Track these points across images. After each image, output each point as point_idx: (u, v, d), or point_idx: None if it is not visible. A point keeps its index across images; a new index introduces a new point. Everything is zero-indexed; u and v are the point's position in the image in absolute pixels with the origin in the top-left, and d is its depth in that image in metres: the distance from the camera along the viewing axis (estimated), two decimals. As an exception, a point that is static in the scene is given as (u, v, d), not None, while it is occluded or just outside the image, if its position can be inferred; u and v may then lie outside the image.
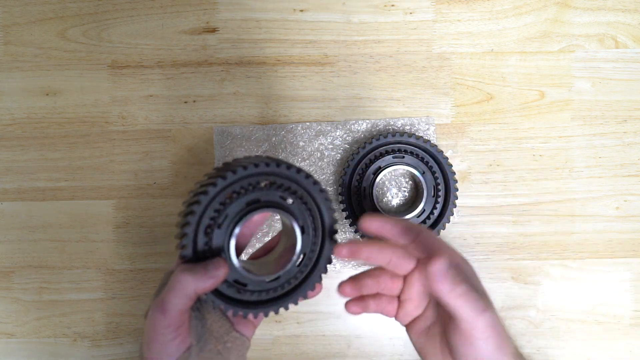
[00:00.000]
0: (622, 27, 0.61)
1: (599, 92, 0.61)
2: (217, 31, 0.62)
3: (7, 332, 0.62)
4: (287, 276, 0.38)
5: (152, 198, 0.62)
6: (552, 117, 0.61)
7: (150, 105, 0.62)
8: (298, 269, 0.38)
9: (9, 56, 0.62)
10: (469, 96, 0.61)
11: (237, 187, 0.36)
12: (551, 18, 0.62)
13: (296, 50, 0.62)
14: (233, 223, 0.35)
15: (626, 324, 0.61)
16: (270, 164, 0.36)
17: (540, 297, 0.61)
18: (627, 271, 0.61)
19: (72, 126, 0.62)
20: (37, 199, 0.62)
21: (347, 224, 0.60)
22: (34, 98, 0.62)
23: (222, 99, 0.62)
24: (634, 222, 0.61)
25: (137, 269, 0.62)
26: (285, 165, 0.37)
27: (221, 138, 0.61)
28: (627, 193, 0.61)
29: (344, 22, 0.62)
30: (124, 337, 0.62)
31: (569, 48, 0.62)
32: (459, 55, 0.61)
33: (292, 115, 0.62)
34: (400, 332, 0.61)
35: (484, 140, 0.61)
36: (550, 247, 0.61)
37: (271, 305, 0.38)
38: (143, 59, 0.62)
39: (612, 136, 0.61)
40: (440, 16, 0.62)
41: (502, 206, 0.61)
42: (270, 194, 0.36)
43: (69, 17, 0.62)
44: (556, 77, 0.61)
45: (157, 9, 0.62)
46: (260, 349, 0.61)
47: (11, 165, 0.62)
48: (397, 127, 0.61)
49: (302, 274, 0.39)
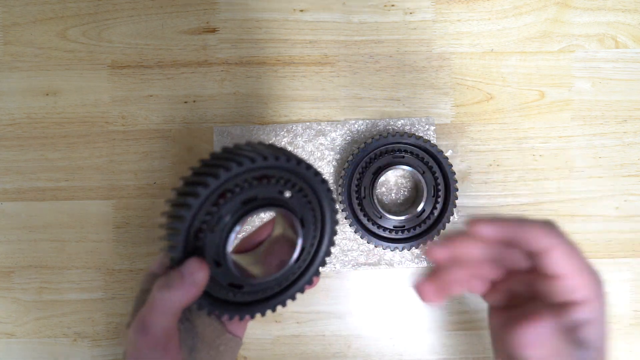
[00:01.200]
0: (622, 27, 0.61)
1: (599, 92, 0.61)
2: (217, 31, 0.62)
3: (7, 332, 0.62)
4: (285, 273, 0.36)
5: (152, 198, 0.62)
6: (552, 117, 0.61)
7: (150, 105, 0.62)
8: (297, 264, 0.36)
9: (9, 56, 0.62)
10: (469, 96, 0.61)
11: (231, 184, 0.32)
12: (551, 18, 0.62)
13: (296, 50, 0.62)
14: (227, 228, 0.32)
15: (626, 324, 0.61)
16: (270, 158, 0.32)
17: (540, 297, 0.61)
18: (627, 271, 0.61)
19: (72, 126, 0.62)
20: (37, 199, 0.62)
21: (347, 224, 0.60)
22: (34, 98, 0.62)
23: (222, 99, 0.62)
24: (634, 222, 0.61)
25: (137, 269, 0.62)
26: (295, 161, 0.33)
27: (221, 138, 0.61)
28: (627, 193, 0.61)
29: (344, 22, 0.62)
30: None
31: (569, 48, 0.62)
32: (459, 55, 0.61)
33: (292, 115, 0.62)
34: (401, 332, 0.61)
35: (484, 140, 0.61)
36: (550, 247, 0.61)
37: (268, 303, 0.36)
38: (143, 59, 0.62)
39: (612, 136, 0.61)
40: (440, 16, 0.62)
41: (502, 206, 0.61)
42: (268, 189, 0.33)
43: (69, 17, 0.62)
44: (556, 77, 0.61)
45: (157, 9, 0.62)
46: (259, 349, 0.61)
47: (11, 165, 0.62)
48: (397, 127, 0.61)
49: (299, 268, 0.37)
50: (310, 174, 0.34)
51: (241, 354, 0.61)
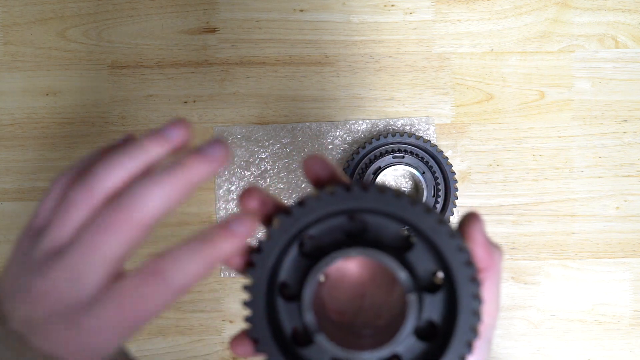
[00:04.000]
0: (622, 27, 0.61)
1: (599, 92, 0.61)
2: (217, 31, 0.62)
3: (7, 332, 0.62)
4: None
5: (152, 198, 0.62)
6: (552, 117, 0.61)
7: (150, 105, 0.62)
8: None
9: (9, 56, 0.62)
10: (469, 96, 0.61)
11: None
12: (551, 18, 0.62)
13: (296, 50, 0.62)
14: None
15: (626, 324, 0.61)
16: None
17: (540, 297, 0.61)
18: (627, 271, 0.61)
19: (72, 126, 0.62)
20: (37, 199, 0.62)
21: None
22: (34, 98, 0.62)
23: (222, 99, 0.62)
24: (634, 222, 0.61)
25: (137, 269, 0.62)
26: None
27: (221, 138, 0.61)
28: (627, 193, 0.61)
29: (344, 22, 0.62)
30: (124, 337, 0.62)
31: (569, 48, 0.62)
32: (459, 55, 0.61)
33: (292, 115, 0.62)
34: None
35: (484, 140, 0.61)
36: (550, 247, 0.61)
37: None
38: (143, 59, 0.62)
39: (612, 136, 0.61)
40: (440, 16, 0.62)
41: (502, 206, 0.61)
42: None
43: (69, 17, 0.62)
44: (556, 77, 0.61)
45: (157, 9, 0.62)
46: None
47: (11, 165, 0.62)
48: (397, 127, 0.61)
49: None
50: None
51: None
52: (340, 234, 0.27)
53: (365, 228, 0.26)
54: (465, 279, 0.25)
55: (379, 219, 0.26)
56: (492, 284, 0.28)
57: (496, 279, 0.28)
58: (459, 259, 0.25)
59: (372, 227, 0.26)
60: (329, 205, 0.25)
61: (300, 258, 0.27)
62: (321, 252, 0.26)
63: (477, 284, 0.25)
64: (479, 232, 0.27)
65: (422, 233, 0.25)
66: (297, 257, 0.27)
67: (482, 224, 0.28)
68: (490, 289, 0.28)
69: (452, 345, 0.25)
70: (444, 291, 0.26)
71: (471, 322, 0.25)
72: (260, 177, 0.61)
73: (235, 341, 0.27)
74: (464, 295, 0.25)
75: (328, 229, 0.26)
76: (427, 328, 0.27)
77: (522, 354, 0.61)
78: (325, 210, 0.25)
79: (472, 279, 0.25)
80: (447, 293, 0.26)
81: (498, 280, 0.28)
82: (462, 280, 0.25)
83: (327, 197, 0.25)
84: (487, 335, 0.28)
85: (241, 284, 0.26)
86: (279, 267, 0.26)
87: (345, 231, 0.27)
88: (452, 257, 0.25)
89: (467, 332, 0.25)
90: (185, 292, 0.24)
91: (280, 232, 0.25)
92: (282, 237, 0.25)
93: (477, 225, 0.27)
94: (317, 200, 0.25)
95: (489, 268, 0.28)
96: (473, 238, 0.27)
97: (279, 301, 0.26)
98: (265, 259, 0.25)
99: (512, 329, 0.61)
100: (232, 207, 0.61)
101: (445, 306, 0.26)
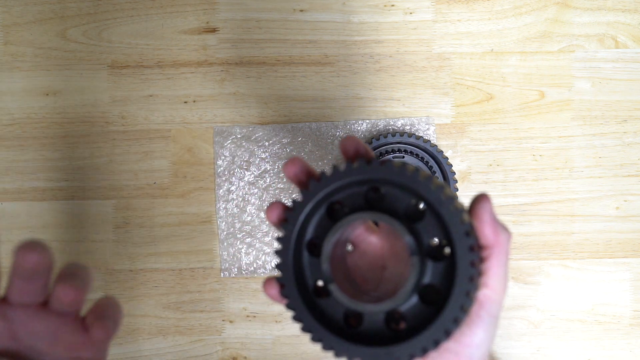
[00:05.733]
0: (622, 27, 0.61)
1: (599, 92, 0.61)
2: (217, 31, 0.62)
3: (7, 332, 0.62)
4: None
5: (152, 198, 0.62)
6: (552, 117, 0.61)
7: (150, 105, 0.62)
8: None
9: (9, 56, 0.62)
10: (469, 96, 0.61)
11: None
12: (551, 18, 0.62)
13: (296, 50, 0.62)
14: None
15: (626, 324, 0.61)
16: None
17: (540, 297, 0.61)
18: (627, 271, 0.61)
19: (72, 126, 0.62)
20: (37, 199, 0.62)
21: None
22: (34, 98, 0.62)
23: (222, 99, 0.62)
24: (634, 222, 0.61)
25: (137, 269, 0.62)
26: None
27: (221, 138, 0.61)
28: (627, 193, 0.61)
29: (344, 22, 0.62)
30: (124, 337, 0.62)
31: (569, 48, 0.62)
32: (459, 55, 0.61)
33: (292, 115, 0.62)
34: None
35: (484, 140, 0.61)
36: (550, 247, 0.61)
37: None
38: (143, 59, 0.62)
39: (612, 136, 0.61)
40: (440, 16, 0.62)
41: (502, 206, 0.61)
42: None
43: (69, 17, 0.62)
44: (556, 77, 0.61)
45: (157, 9, 0.62)
46: (260, 348, 0.61)
47: (11, 165, 0.62)
48: (397, 127, 0.61)
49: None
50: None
51: (241, 354, 0.61)
52: (361, 201, 0.30)
53: (382, 198, 0.30)
54: (464, 247, 0.27)
55: (394, 190, 0.29)
56: (498, 262, 0.30)
57: (503, 257, 0.30)
58: (460, 229, 0.27)
59: (388, 198, 0.30)
60: (351, 175, 0.29)
61: (326, 219, 0.30)
62: (344, 215, 0.30)
63: (475, 254, 0.28)
64: (487, 212, 0.29)
65: (430, 205, 0.28)
66: (324, 218, 0.30)
67: (491, 205, 0.30)
68: (497, 266, 0.30)
69: (447, 308, 0.28)
70: (448, 262, 0.29)
71: (467, 288, 0.27)
72: (260, 177, 0.61)
73: (268, 282, 0.31)
74: (461, 263, 0.27)
75: (351, 196, 0.30)
76: (431, 293, 0.29)
77: (522, 354, 0.61)
78: (348, 179, 0.29)
79: (470, 248, 0.27)
80: (450, 263, 0.28)
81: (505, 259, 0.30)
82: (461, 249, 0.27)
83: (351, 168, 0.29)
84: (492, 311, 0.30)
85: (273, 245, 0.27)
86: (308, 225, 0.30)
87: (366, 199, 0.30)
88: (454, 227, 0.28)
89: (462, 297, 0.27)
90: None
91: (310, 195, 0.29)
92: (311, 199, 0.29)
93: (486, 205, 0.29)
94: (342, 171, 0.29)
95: (495, 246, 0.30)
96: (480, 216, 0.29)
97: (305, 255, 0.30)
98: (296, 216, 0.30)
99: (512, 329, 0.61)
100: (232, 207, 0.61)
101: (447, 275, 0.29)
